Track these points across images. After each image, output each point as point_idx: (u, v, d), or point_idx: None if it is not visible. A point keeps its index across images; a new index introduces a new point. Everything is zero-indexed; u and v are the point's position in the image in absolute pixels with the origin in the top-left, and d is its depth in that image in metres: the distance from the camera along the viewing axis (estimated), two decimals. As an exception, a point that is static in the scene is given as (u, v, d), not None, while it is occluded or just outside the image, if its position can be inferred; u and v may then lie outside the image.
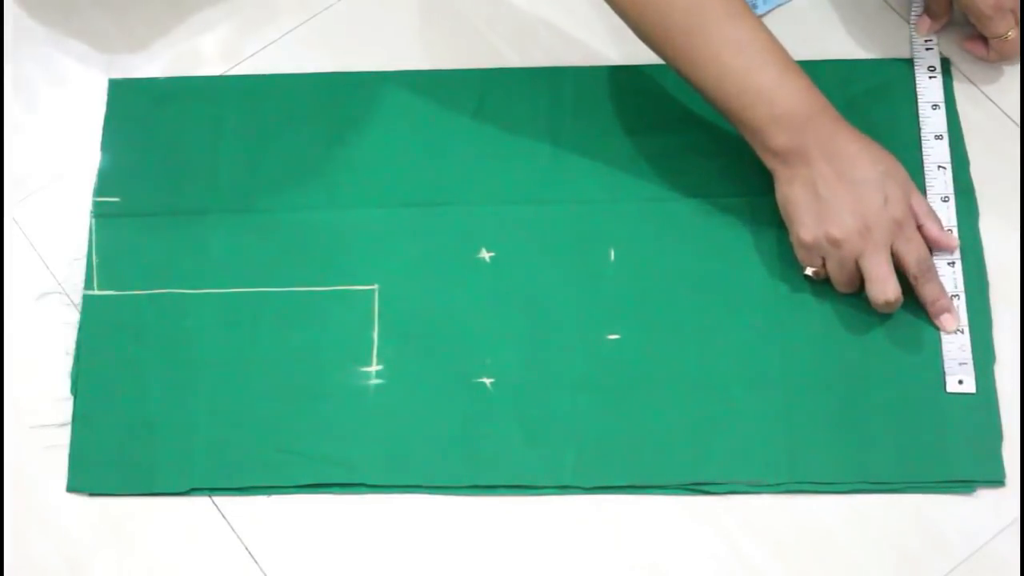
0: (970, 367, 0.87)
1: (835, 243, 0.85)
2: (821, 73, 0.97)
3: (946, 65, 0.97)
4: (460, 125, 0.98)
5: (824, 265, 0.87)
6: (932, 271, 0.87)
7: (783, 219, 0.88)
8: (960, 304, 0.88)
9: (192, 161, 0.97)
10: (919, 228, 0.87)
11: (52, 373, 0.92)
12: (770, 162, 0.86)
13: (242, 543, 0.87)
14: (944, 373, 0.87)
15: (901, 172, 0.86)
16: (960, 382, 0.86)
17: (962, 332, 0.88)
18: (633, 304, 0.91)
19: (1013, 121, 0.96)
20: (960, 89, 0.97)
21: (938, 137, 0.94)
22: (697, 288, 0.91)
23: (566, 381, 0.89)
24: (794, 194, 0.86)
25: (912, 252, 0.86)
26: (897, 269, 0.86)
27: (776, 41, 0.86)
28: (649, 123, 0.97)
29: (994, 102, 0.97)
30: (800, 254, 0.88)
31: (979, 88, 0.97)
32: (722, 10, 0.84)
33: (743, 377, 0.88)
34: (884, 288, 0.85)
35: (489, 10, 1.03)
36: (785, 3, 1.01)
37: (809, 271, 0.88)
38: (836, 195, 0.84)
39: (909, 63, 0.98)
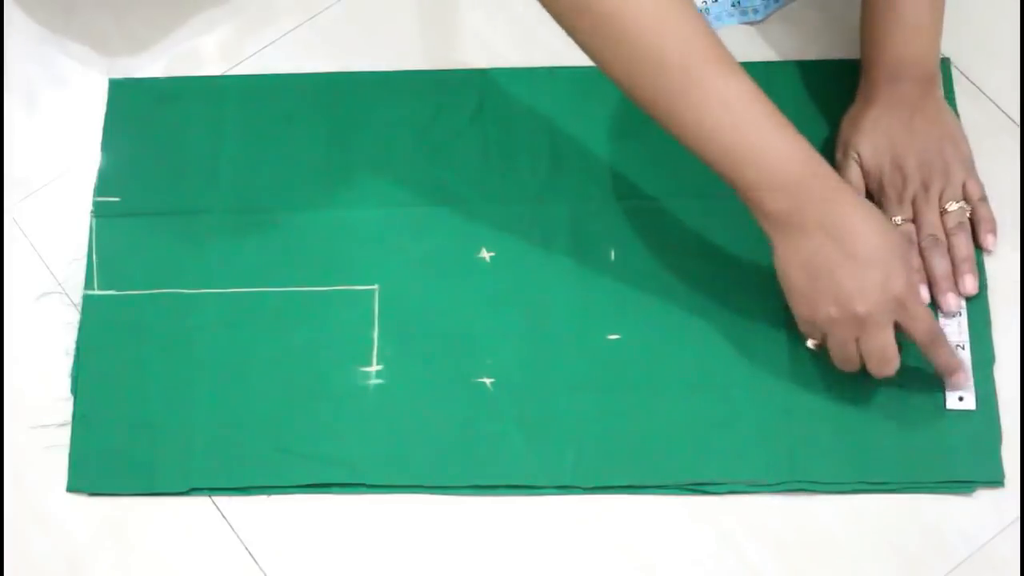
0: (971, 384, 0.87)
1: (834, 324, 0.82)
2: (821, 73, 0.98)
3: (946, 64, 0.97)
4: (460, 125, 0.98)
5: (825, 339, 0.84)
6: (940, 338, 0.84)
7: (781, 289, 0.84)
8: (962, 319, 0.88)
9: (192, 161, 0.97)
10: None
11: (52, 373, 0.92)
12: (765, 226, 0.82)
13: (242, 543, 0.87)
14: (945, 393, 0.87)
15: (903, 243, 0.82)
16: (960, 399, 0.86)
17: (963, 348, 0.88)
18: (633, 304, 0.91)
19: (1013, 121, 0.96)
20: (960, 89, 0.97)
21: None
22: (697, 288, 0.91)
23: (566, 381, 0.89)
24: (792, 270, 0.82)
25: (918, 327, 0.82)
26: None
27: (768, 100, 0.80)
28: (649, 123, 0.96)
29: (994, 102, 0.97)
30: (801, 327, 0.85)
31: (979, 88, 0.97)
32: (714, 69, 0.79)
33: (743, 377, 0.88)
34: (882, 369, 0.83)
35: (489, 10, 1.03)
36: (784, 5, 1.01)
37: (810, 344, 0.86)
38: (834, 274, 0.80)
39: (909, 63, 0.98)
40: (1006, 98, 0.97)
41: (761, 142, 0.79)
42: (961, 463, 0.85)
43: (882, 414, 0.86)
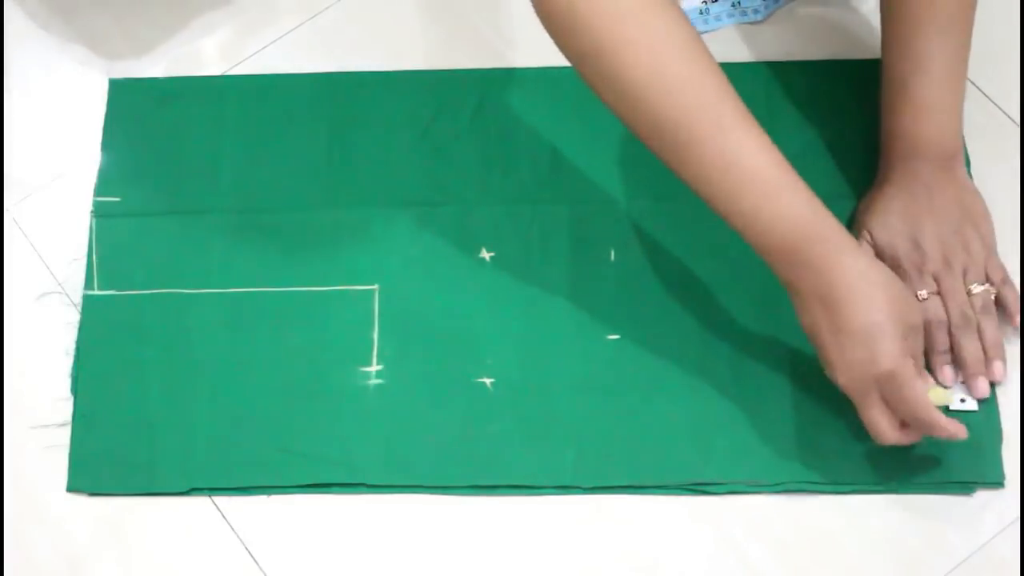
0: (971, 395, 0.87)
1: (834, 381, 0.82)
2: (821, 73, 0.97)
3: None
4: (460, 125, 0.98)
5: None
6: (927, 423, 0.80)
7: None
8: None
9: (192, 161, 0.97)
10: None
11: (52, 373, 0.92)
12: (779, 278, 0.82)
13: (242, 543, 0.87)
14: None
15: (897, 311, 0.80)
16: (963, 400, 0.86)
17: None
18: (633, 304, 0.91)
19: (1013, 121, 0.96)
20: (960, 89, 0.97)
21: None
22: (697, 288, 0.91)
23: (566, 381, 0.89)
24: (804, 328, 0.82)
25: (902, 410, 0.80)
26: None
27: (779, 158, 0.79)
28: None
29: (994, 102, 0.97)
30: None
31: (979, 88, 0.97)
32: (723, 128, 0.78)
33: (743, 377, 0.88)
34: (877, 439, 0.82)
35: (489, 10, 1.03)
36: (784, 5, 1.01)
37: None
38: (822, 344, 0.81)
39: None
40: (1006, 98, 0.97)
41: (754, 211, 0.79)
42: (961, 463, 0.85)
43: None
